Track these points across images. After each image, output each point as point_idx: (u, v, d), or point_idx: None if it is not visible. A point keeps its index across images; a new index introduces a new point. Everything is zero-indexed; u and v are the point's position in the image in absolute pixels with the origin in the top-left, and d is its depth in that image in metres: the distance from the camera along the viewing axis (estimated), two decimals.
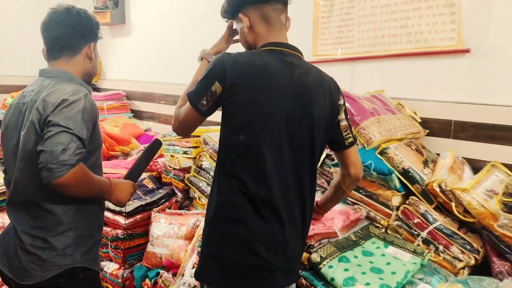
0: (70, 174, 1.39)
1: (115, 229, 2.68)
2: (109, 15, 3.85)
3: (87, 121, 1.47)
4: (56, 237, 1.55)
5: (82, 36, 1.63)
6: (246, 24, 1.49)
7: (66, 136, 1.40)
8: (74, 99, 1.47)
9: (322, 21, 2.52)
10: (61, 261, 1.55)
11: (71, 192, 1.46)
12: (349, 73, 2.42)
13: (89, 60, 1.66)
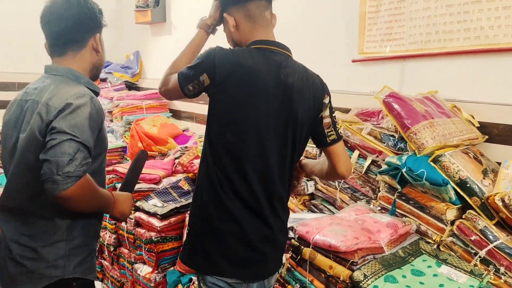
0: (76, 187, 1.29)
1: (149, 231, 2.62)
2: (150, 13, 3.82)
3: (93, 128, 1.38)
4: (46, 248, 1.45)
5: (86, 28, 1.53)
6: (232, 24, 1.51)
7: (73, 145, 1.30)
8: (79, 103, 1.37)
9: (370, 16, 2.35)
10: (52, 272, 1.46)
11: (74, 206, 1.35)
12: (399, 72, 2.24)
13: (96, 53, 1.57)
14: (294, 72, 1.48)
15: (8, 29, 3.95)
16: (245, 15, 1.49)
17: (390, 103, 1.82)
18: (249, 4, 1.48)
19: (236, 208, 1.42)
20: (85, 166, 1.31)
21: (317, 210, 2.11)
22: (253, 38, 1.49)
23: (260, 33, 1.50)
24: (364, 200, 1.93)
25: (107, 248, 3.01)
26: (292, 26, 2.76)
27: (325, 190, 2.08)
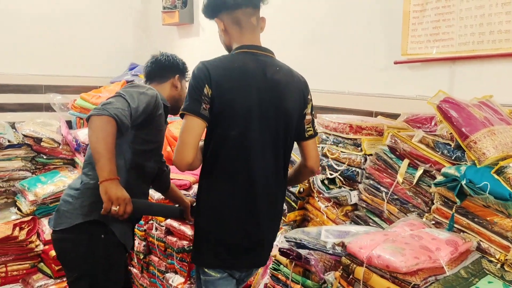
0: (103, 118, 1.65)
1: (181, 240, 2.54)
2: (178, 14, 3.74)
3: (142, 101, 1.78)
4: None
5: (169, 70, 2.12)
6: (221, 28, 1.69)
7: (118, 98, 1.75)
8: (141, 84, 1.92)
9: (414, 15, 2.22)
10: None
11: (90, 132, 1.68)
12: (447, 75, 2.11)
13: (175, 88, 2.11)
14: (279, 69, 1.68)
15: (36, 32, 3.93)
16: (232, 21, 1.66)
17: (446, 109, 1.69)
18: (236, 12, 1.65)
19: (238, 200, 1.63)
20: (121, 113, 1.68)
21: (361, 222, 1.99)
22: (241, 42, 1.66)
23: (247, 36, 1.67)
24: (415, 213, 1.81)
25: (136, 256, 2.94)
26: (327, 27, 2.65)
27: (370, 201, 1.96)
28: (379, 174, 1.93)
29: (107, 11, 4.32)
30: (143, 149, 1.93)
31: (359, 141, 2.00)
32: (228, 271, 1.71)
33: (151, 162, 2.02)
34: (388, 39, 2.35)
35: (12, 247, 3.03)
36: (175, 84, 2.11)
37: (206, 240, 1.68)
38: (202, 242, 1.70)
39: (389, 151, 1.90)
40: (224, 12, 1.66)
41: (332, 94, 2.60)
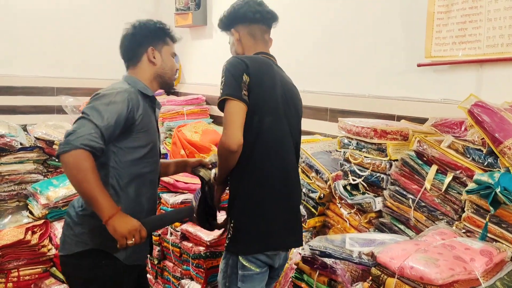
0: (70, 155, 1.52)
1: (197, 246, 2.49)
2: (191, 16, 3.70)
3: (112, 113, 1.61)
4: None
5: (140, 41, 1.82)
6: (236, 38, 1.86)
7: (81, 122, 1.58)
8: (106, 93, 1.67)
9: (439, 17, 2.16)
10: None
11: (66, 174, 1.57)
12: (474, 79, 2.04)
13: (153, 64, 1.83)
14: (283, 72, 1.90)
15: (48, 34, 3.90)
16: (248, 32, 1.85)
17: (478, 113, 1.63)
18: (252, 26, 1.84)
19: (276, 188, 1.73)
20: (89, 140, 1.54)
21: (386, 230, 1.93)
22: (255, 51, 1.84)
23: (260, 47, 1.85)
24: (444, 221, 1.74)
25: (150, 261, 2.90)
26: (346, 28, 2.60)
27: (396, 208, 1.90)
28: (405, 180, 1.87)
29: (119, 13, 4.28)
30: (133, 158, 1.74)
31: (384, 146, 1.94)
32: (270, 262, 1.76)
33: (149, 167, 1.81)
34: (410, 41, 2.29)
35: (24, 251, 2.99)
36: (150, 59, 1.82)
37: (247, 231, 1.73)
38: (245, 233, 1.73)
39: (416, 156, 1.84)
40: (241, 24, 1.84)
41: (352, 97, 2.55)
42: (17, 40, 3.84)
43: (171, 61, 1.88)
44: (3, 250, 2.91)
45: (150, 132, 1.78)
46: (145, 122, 1.74)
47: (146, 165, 1.78)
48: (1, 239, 2.94)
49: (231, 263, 1.75)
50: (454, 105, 2.03)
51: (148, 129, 1.77)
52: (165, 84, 1.90)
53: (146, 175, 1.80)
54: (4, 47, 3.78)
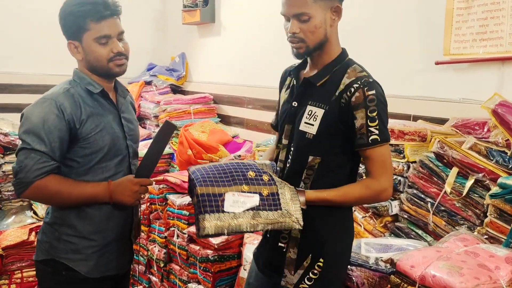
0: (29, 191, 1.47)
1: (204, 249, 2.42)
2: (199, 13, 3.63)
3: (50, 130, 1.47)
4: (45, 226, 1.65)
5: (64, 34, 1.61)
6: (331, 17, 1.47)
7: (24, 153, 1.47)
8: (30, 112, 1.50)
9: (459, 13, 2.07)
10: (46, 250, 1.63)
11: (43, 203, 1.59)
12: (496, 77, 1.95)
13: (80, 55, 1.60)
14: None
15: (53, 31, 3.84)
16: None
17: (502, 113, 1.55)
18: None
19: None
20: (40, 170, 1.45)
21: (402, 234, 1.85)
22: (340, 51, 1.55)
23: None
24: (464, 226, 1.66)
25: (156, 263, 2.83)
26: (360, 24, 2.51)
27: (414, 212, 1.82)
28: (423, 183, 1.79)
29: (125, 11, 4.22)
30: (88, 166, 1.57)
31: (401, 147, 1.86)
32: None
33: (110, 171, 1.61)
34: (428, 38, 2.20)
35: (28, 252, 2.92)
36: (73, 55, 1.61)
37: (341, 265, 1.54)
38: (339, 267, 1.53)
39: (435, 158, 1.76)
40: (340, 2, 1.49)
41: None
42: (22, 38, 3.78)
43: (94, 51, 1.56)
44: (6, 251, 2.85)
45: (103, 133, 1.57)
46: (91, 125, 1.55)
47: (104, 170, 1.60)
48: (5, 240, 2.88)
49: None
50: (474, 105, 1.97)
51: (99, 131, 1.56)
52: (104, 75, 1.62)
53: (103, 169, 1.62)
54: (9, 45, 3.73)
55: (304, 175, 1.46)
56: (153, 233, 2.89)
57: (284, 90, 1.62)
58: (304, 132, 1.44)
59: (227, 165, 1.38)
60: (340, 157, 1.45)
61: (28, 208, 3.36)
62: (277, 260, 1.50)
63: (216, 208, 1.27)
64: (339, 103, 1.40)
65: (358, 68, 1.46)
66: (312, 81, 1.47)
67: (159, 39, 4.39)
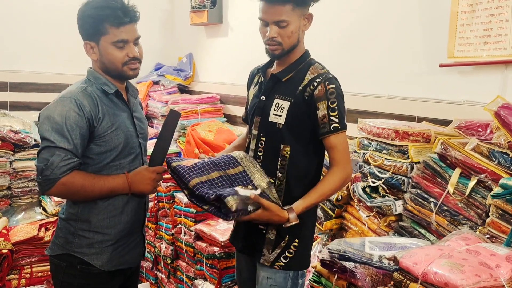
0: (56, 188, 1.52)
1: (211, 246, 2.47)
2: (206, 14, 3.67)
3: (73, 128, 1.53)
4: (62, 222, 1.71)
5: (80, 34, 1.67)
6: (303, 23, 1.64)
7: (48, 151, 1.51)
8: (50, 111, 1.54)
9: (463, 16, 2.11)
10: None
11: (67, 199, 1.65)
12: (499, 80, 1.98)
13: (95, 56, 1.65)
14: None
15: (61, 30, 3.90)
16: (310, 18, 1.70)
17: (504, 115, 1.58)
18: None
19: None
20: (65, 167, 1.51)
21: (406, 234, 1.89)
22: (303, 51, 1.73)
23: None
24: (467, 225, 1.70)
25: (163, 260, 2.88)
26: (365, 25, 2.55)
27: (417, 212, 1.85)
28: (427, 183, 1.82)
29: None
30: (104, 163, 1.63)
31: (405, 148, 1.89)
32: None
33: (124, 168, 1.67)
34: (432, 40, 2.24)
35: (37, 248, 2.98)
36: (88, 55, 1.67)
37: (310, 245, 1.74)
38: (309, 247, 1.73)
39: (438, 159, 1.80)
40: (307, 6, 1.64)
41: (371, 97, 2.50)
42: (29, 36, 3.83)
43: (110, 54, 1.62)
44: (16, 246, 2.90)
45: (118, 131, 1.63)
46: (107, 124, 1.61)
47: (118, 168, 1.66)
48: (15, 236, 2.94)
49: (292, 276, 1.68)
50: (477, 107, 2.00)
51: (115, 130, 1.62)
52: (116, 77, 1.68)
53: (117, 167, 1.68)
54: (19, 44, 3.78)
55: (279, 165, 1.64)
56: (161, 230, 2.94)
57: (253, 87, 1.80)
58: (274, 123, 1.63)
59: (219, 180, 1.57)
60: (308, 146, 1.63)
61: (37, 205, 3.43)
62: (256, 241, 1.69)
63: (234, 195, 1.46)
64: (303, 96, 1.60)
65: (319, 66, 1.66)
66: (279, 76, 1.66)
67: (167, 40, 4.44)
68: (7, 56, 3.75)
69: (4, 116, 3.55)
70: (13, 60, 3.78)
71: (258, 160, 1.68)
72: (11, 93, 3.76)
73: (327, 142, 1.59)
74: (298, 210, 1.55)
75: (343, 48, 2.68)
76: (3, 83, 3.76)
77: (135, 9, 1.65)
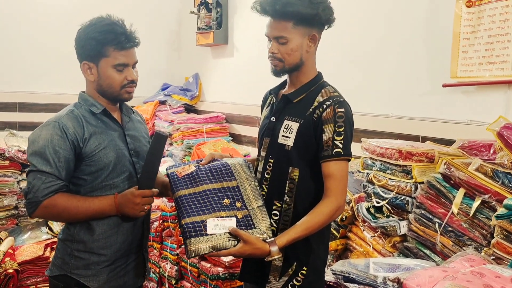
0: (39, 210, 1.55)
1: (215, 266, 2.45)
2: (212, 35, 3.73)
3: (55, 151, 1.55)
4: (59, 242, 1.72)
5: (78, 54, 1.68)
6: (308, 43, 1.61)
7: (32, 175, 1.55)
8: (36, 135, 1.58)
9: (465, 37, 2.12)
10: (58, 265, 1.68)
11: (53, 221, 1.73)
12: (502, 100, 1.99)
13: (92, 76, 1.65)
14: None
15: (67, 50, 3.97)
16: (318, 40, 1.67)
17: (507, 136, 1.58)
18: (321, 32, 1.66)
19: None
20: (48, 189, 1.53)
21: (411, 254, 1.87)
22: (315, 74, 1.69)
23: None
24: (472, 246, 1.68)
25: (168, 281, 2.87)
26: (368, 46, 2.58)
27: (422, 232, 1.84)
28: (431, 203, 1.81)
29: (141, 31, 4.33)
30: (96, 183, 1.63)
31: (409, 168, 1.89)
32: None
33: (117, 188, 1.66)
34: (435, 61, 2.25)
35: (43, 267, 2.97)
36: (85, 75, 1.68)
37: (321, 275, 1.67)
38: (320, 277, 1.67)
39: (442, 179, 1.79)
40: (319, 28, 1.62)
41: (374, 117, 2.51)
42: (35, 57, 3.89)
43: (110, 76, 1.64)
44: (22, 266, 2.90)
45: (107, 150, 1.63)
46: (94, 143, 1.61)
47: (112, 187, 1.65)
48: (21, 255, 2.95)
49: None
50: (481, 127, 2.00)
51: (103, 148, 1.63)
52: (111, 100, 1.70)
53: (110, 187, 1.68)
54: (28, 65, 3.85)
55: (286, 188, 1.60)
56: (165, 250, 2.93)
57: (265, 108, 1.78)
58: (283, 145, 1.60)
59: (205, 193, 1.57)
60: (317, 169, 1.56)
61: (43, 224, 3.43)
62: (262, 267, 1.62)
63: (200, 232, 1.46)
64: (312, 118, 1.56)
65: (331, 89, 1.63)
66: (290, 97, 1.64)
67: (174, 60, 4.50)
68: (17, 77, 3.83)
69: (13, 136, 3.60)
70: (22, 81, 3.85)
71: (265, 183, 1.65)
72: (19, 114, 3.82)
73: (325, 167, 1.53)
74: (280, 244, 1.47)
75: (347, 67, 2.70)
76: (12, 103, 3.82)
77: (136, 34, 1.70)
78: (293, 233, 1.50)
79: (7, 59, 3.79)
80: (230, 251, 1.45)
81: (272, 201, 1.64)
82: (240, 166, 1.65)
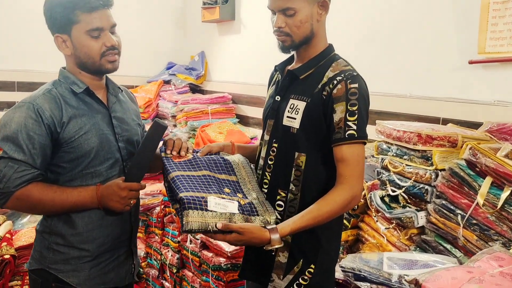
0: (11, 202, 1.40)
1: (217, 256, 2.33)
2: (218, 11, 3.54)
3: (29, 137, 1.38)
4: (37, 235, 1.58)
5: (49, 28, 1.51)
6: (318, 12, 1.42)
7: (3, 162, 1.39)
8: (8, 118, 1.41)
9: (495, 8, 1.91)
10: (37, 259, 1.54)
11: (26, 213, 1.53)
12: None
13: (68, 50, 1.48)
14: None
15: None
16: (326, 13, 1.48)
17: None
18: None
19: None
20: (21, 179, 1.37)
21: (429, 249, 1.70)
22: (325, 45, 1.51)
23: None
24: (498, 242, 1.50)
25: (169, 269, 2.75)
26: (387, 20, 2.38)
27: (442, 225, 1.66)
28: (453, 193, 1.63)
29: (144, 9, 4.17)
30: (77, 171, 1.47)
31: (429, 154, 1.70)
32: None
33: (101, 176, 1.49)
34: (461, 35, 2.04)
35: None
36: (61, 50, 1.50)
37: (331, 275, 1.53)
38: (329, 277, 1.52)
39: (466, 166, 1.61)
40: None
41: (391, 97, 2.32)
42: (39, 36, 3.72)
43: (85, 45, 1.45)
44: (19, 251, 2.81)
45: (88, 135, 1.46)
46: (74, 127, 1.44)
47: (94, 176, 1.49)
48: (18, 240, 2.85)
49: None
50: (509, 108, 1.81)
51: (84, 134, 1.45)
52: (94, 73, 1.51)
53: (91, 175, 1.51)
54: (27, 43, 3.71)
55: (292, 176, 1.43)
56: (167, 237, 2.81)
57: (271, 86, 1.59)
58: (288, 127, 1.42)
59: (205, 178, 1.42)
60: (327, 155, 1.39)
61: None
62: (264, 264, 1.47)
63: (200, 206, 1.30)
64: (321, 96, 1.38)
65: (343, 62, 1.44)
66: (296, 73, 1.45)
67: (179, 38, 4.33)
68: (15, 55, 3.69)
69: None
70: (21, 59, 3.71)
71: (268, 170, 1.48)
72: (18, 93, 3.69)
73: (338, 152, 1.35)
74: (283, 232, 1.30)
75: (362, 43, 2.51)
76: (11, 82, 3.70)
77: None
78: (299, 221, 1.33)
79: (6, 36, 3.65)
80: (225, 237, 1.30)
81: (276, 190, 1.47)
82: (241, 164, 1.52)
